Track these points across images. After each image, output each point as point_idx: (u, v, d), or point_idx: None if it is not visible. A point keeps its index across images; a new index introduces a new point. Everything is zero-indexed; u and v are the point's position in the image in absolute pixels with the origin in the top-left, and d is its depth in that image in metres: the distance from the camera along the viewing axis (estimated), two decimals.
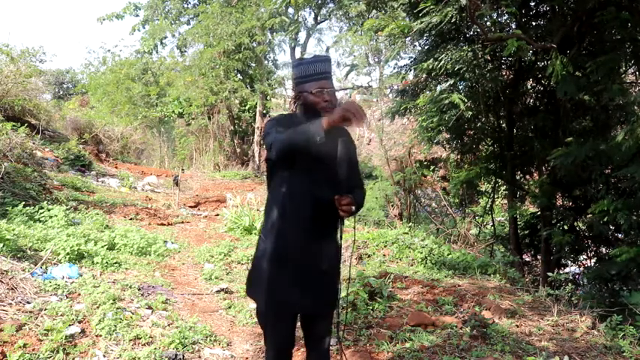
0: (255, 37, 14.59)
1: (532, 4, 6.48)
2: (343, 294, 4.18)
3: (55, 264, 4.48)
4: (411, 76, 7.56)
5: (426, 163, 10.87)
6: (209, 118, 16.70)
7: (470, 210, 10.46)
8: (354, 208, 2.10)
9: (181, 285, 4.94)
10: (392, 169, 12.68)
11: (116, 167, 13.95)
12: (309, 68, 2.17)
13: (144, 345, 3.24)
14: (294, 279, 2.18)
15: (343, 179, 2.22)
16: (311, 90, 2.14)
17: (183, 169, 13.48)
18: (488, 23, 5.66)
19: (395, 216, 12.03)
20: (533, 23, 6.56)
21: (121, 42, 53.01)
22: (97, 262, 4.84)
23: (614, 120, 6.07)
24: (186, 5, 16.99)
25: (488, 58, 6.35)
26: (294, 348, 2.38)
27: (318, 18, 17.04)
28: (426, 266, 6.00)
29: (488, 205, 8.86)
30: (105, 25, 25.98)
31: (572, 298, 5.17)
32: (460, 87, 6.24)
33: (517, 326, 3.96)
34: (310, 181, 2.16)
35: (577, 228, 6.64)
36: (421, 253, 6.24)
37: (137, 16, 17.04)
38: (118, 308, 3.62)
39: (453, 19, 5.13)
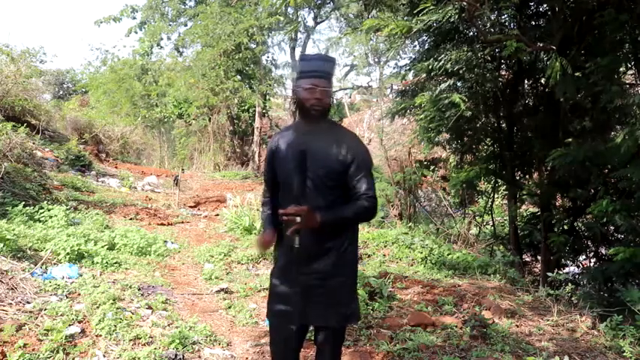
0: (253, 36, 14.59)
1: (532, 4, 6.48)
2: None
3: (55, 264, 4.49)
4: (410, 76, 7.55)
5: (426, 163, 10.87)
6: (209, 119, 16.70)
7: (470, 210, 10.45)
8: (298, 219, 2.00)
9: (181, 285, 4.94)
10: (392, 169, 12.68)
11: (116, 167, 13.95)
12: (307, 65, 2.18)
13: (144, 345, 3.24)
14: (293, 290, 2.21)
15: (323, 189, 2.16)
16: (303, 86, 2.15)
17: (183, 169, 13.46)
18: (488, 24, 5.66)
19: (395, 216, 12.02)
20: (533, 23, 6.55)
21: (120, 42, 52.87)
22: (97, 262, 4.84)
23: (614, 121, 6.06)
24: (184, 6, 16.97)
25: (488, 58, 6.35)
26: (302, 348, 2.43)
27: (318, 18, 17.05)
28: (426, 266, 6.00)
29: (488, 205, 8.86)
30: (103, 27, 25.90)
31: (572, 298, 5.17)
32: (460, 87, 6.24)
33: (517, 326, 3.97)
34: (294, 192, 2.16)
35: (577, 228, 6.63)
36: (421, 253, 6.24)
37: (134, 18, 17.02)
38: (118, 308, 3.62)
39: (452, 19, 5.13)
